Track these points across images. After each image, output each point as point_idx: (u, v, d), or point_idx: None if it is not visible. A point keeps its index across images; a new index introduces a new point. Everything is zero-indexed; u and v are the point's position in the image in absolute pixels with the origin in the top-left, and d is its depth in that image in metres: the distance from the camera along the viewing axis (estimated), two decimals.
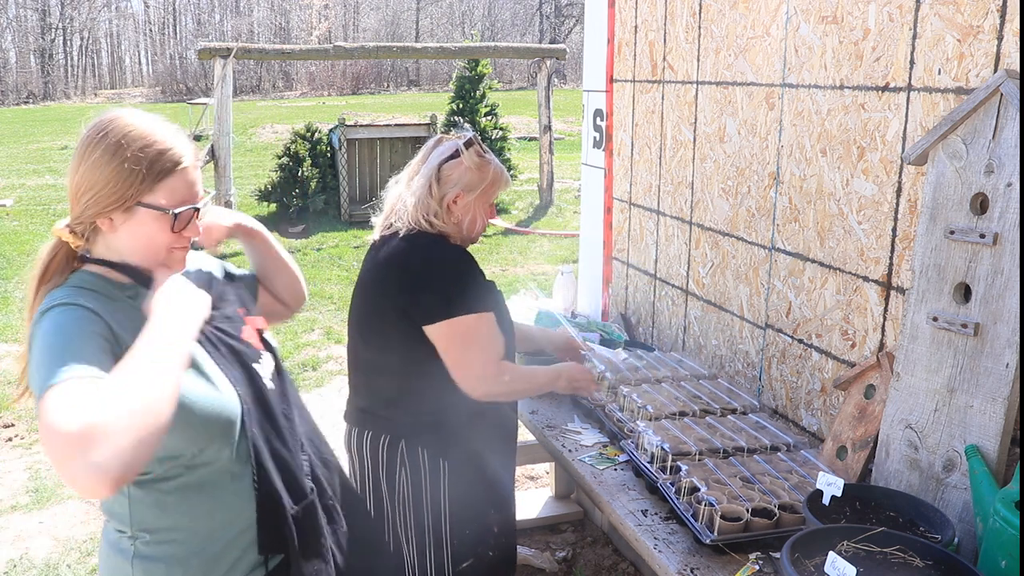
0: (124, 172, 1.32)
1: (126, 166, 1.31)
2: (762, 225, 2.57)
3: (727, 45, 2.67)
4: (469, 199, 2.11)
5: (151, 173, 1.34)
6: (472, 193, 2.11)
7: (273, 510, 1.47)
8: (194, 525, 1.45)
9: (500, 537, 2.23)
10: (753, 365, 2.67)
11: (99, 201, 1.33)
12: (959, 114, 1.73)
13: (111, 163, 1.32)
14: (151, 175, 1.34)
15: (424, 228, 2.09)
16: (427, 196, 2.10)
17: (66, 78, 34.05)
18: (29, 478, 3.92)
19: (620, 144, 3.42)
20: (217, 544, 1.46)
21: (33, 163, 14.56)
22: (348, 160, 10.21)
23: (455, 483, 2.12)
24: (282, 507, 1.48)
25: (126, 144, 1.32)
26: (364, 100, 27.09)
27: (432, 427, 2.11)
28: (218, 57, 8.93)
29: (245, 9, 38.29)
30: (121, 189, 1.32)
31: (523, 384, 2.22)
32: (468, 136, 2.15)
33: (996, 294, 1.68)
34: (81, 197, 1.34)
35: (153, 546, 1.43)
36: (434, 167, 2.12)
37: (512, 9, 40.28)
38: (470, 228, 2.16)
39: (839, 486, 1.76)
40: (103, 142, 1.32)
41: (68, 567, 3.21)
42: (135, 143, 1.33)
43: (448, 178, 2.11)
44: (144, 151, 1.33)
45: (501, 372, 2.08)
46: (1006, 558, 1.50)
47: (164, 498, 1.42)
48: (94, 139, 1.33)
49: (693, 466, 2.07)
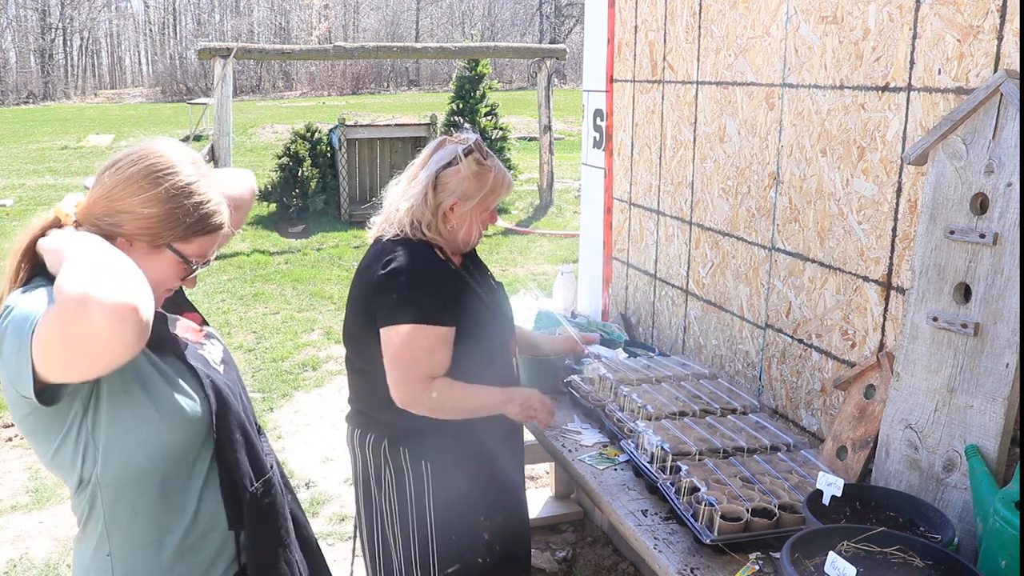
0: (172, 217, 1.39)
1: (177, 213, 1.39)
2: (762, 225, 2.57)
3: (727, 45, 2.67)
4: (466, 208, 2.08)
5: (193, 227, 1.41)
6: (470, 202, 2.08)
7: (234, 489, 1.51)
8: (168, 529, 1.47)
9: (494, 544, 2.19)
10: (753, 365, 2.67)
11: (135, 227, 1.38)
12: (959, 114, 1.73)
13: (165, 204, 1.38)
14: (192, 229, 1.41)
15: (410, 235, 2.06)
16: (422, 204, 2.06)
17: (66, 78, 34.04)
18: (29, 478, 3.92)
19: (620, 144, 3.42)
20: (192, 535, 1.49)
21: (33, 163, 14.56)
22: (348, 160, 10.21)
23: (439, 486, 2.11)
24: (243, 486, 1.52)
25: (186, 195, 1.39)
26: (364, 100, 27.10)
27: (417, 431, 2.09)
28: (218, 57, 8.93)
29: (245, 9, 38.29)
30: (161, 229, 1.39)
31: (456, 403, 2.06)
32: (470, 142, 2.11)
33: (996, 294, 1.68)
34: (116, 212, 1.38)
35: (130, 554, 1.45)
36: (432, 174, 2.08)
37: (512, 9, 40.28)
38: (465, 237, 2.13)
39: (839, 486, 1.76)
40: (166, 181, 1.38)
41: (68, 567, 3.21)
42: (193, 197, 1.40)
43: (445, 186, 2.07)
44: (198, 208, 1.41)
45: (427, 388, 1.99)
46: (1006, 558, 1.50)
47: (138, 501, 1.43)
48: (155, 173, 1.38)
49: (693, 466, 2.07)
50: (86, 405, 1.36)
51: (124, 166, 1.40)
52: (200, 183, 1.43)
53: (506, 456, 2.28)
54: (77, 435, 1.36)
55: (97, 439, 1.37)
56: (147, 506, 1.44)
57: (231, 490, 1.51)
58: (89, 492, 1.41)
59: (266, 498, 1.58)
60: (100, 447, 1.37)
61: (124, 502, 1.42)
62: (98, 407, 1.36)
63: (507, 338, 2.28)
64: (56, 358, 1.19)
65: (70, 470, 1.40)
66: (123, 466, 1.39)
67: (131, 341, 1.16)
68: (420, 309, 1.97)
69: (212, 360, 1.56)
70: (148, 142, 1.45)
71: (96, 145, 16.88)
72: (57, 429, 1.36)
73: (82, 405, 1.35)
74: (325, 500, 3.84)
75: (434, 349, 2.00)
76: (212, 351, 1.59)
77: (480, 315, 2.12)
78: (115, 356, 1.17)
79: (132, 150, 1.44)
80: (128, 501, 1.42)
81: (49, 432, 1.36)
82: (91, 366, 1.20)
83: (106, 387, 1.36)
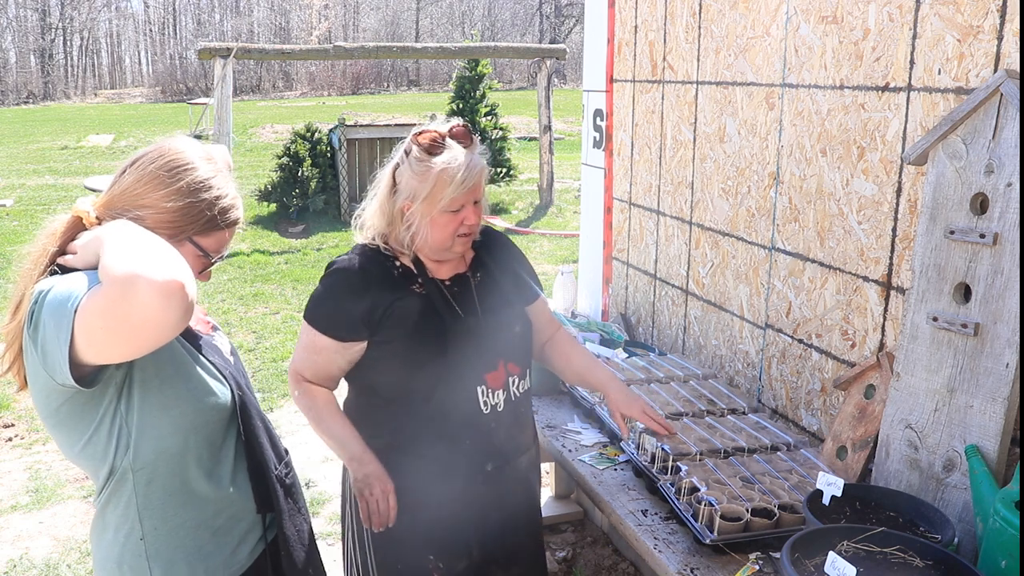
0: (193, 211, 1.45)
1: (198, 207, 1.45)
2: (762, 225, 2.57)
3: (727, 45, 2.67)
4: (415, 208, 1.86)
5: (212, 221, 1.48)
6: (417, 201, 1.86)
7: (263, 472, 1.58)
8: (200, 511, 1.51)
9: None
10: (753, 365, 2.67)
11: (157, 221, 1.43)
12: (959, 114, 1.73)
13: (186, 198, 1.44)
14: (212, 223, 1.48)
15: (371, 244, 1.96)
16: (378, 211, 1.94)
17: (66, 78, 34.05)
18: (29, 478, 3.92)
19: (620, 144, 3.42)
20: (222, 516, 1.54)
21: (33, 163, 14.56)
22: (348, 160, 10.21)
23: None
24: (269, 468, 1.59)
25: (205, 189, 1.46)
26: (364, 100, 27.10)
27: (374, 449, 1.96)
28: (218, 57, 8.93)
29: (245, 9, 38.29)
30: (183, 223, 1.45)
31: (308, 412, 1.98)
32: (433, 133, 1.88)
33: (996, 294, 1.68)
34: (137, 207, 1.43)
35: (164, 537, 1.48)
36: (388, 174, 1.93)
37: (512, 9, 40.28)
38: (433, 242, 1.90)
39: (839, 486, 1.76)
40: (186, 176, 1.44)
41: (68, 567, 3.21)
42: (212, 192, 1.47)
43: (399, 186, 1.90)
44: (216, 202, 1.47)
45: (296, 384, 1.98)
46: (1006, 558, 1.50)
47: (171, 483, 1.47)
48: (176, 169, 1.44)
49: (693, 466, 2.07)
50: (119, 391, 1.39)
51: (145, 163, 1.45)
52: (217, 179, 1.48)
53: (483, 501, 2.00)
54: (111, 422, 1.39)
55: (130, 424, 1.40)
56: (179, 489, 1.47)
57: (258, 473, 1.57)
58: (119, 479, 1.44)
59: (288, 479, 1.67)
60: (133, 432, 1.40)
61: (157, 485, 1.45)
62: (131, 392, 1.39)
63: (477, 370, 1.93)
64: (102, 337, 1.22)
65: (101, 459, 1.42)
66: (157, 449, 1.42)
67: (177, 317, 1.20)
68: (314, 312, 1.93)
69: (223, 351, 1.61)
70: (166, 140, 1.50)
71: (96, 145, 16.88)
72: (91, 419, 1.39)
73: (116, 391, 1.38)
74: (325, 500, 3.84)
75: (312, 351, 1.93)
76: (221, 342, 1.64)
77: (429, 339, 1.90)
78: (161, 334, 1.22)
79: (152, 147, 1.48)
80: (161, 484, 1.45)
81: (82, 421, 1.39)
82: (137, 344, 1.23)
83: (139, 372, 1.39)
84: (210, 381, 1.48)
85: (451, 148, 1.87)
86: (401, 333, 1.89)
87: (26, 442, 4.31)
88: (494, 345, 1.96)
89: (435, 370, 1.90)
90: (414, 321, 1.90)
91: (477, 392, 1.93)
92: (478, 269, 2.04)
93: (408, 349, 1.90)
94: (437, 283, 1.96)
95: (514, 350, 2.01)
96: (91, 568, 3.20)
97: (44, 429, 4.36)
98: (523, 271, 2.15)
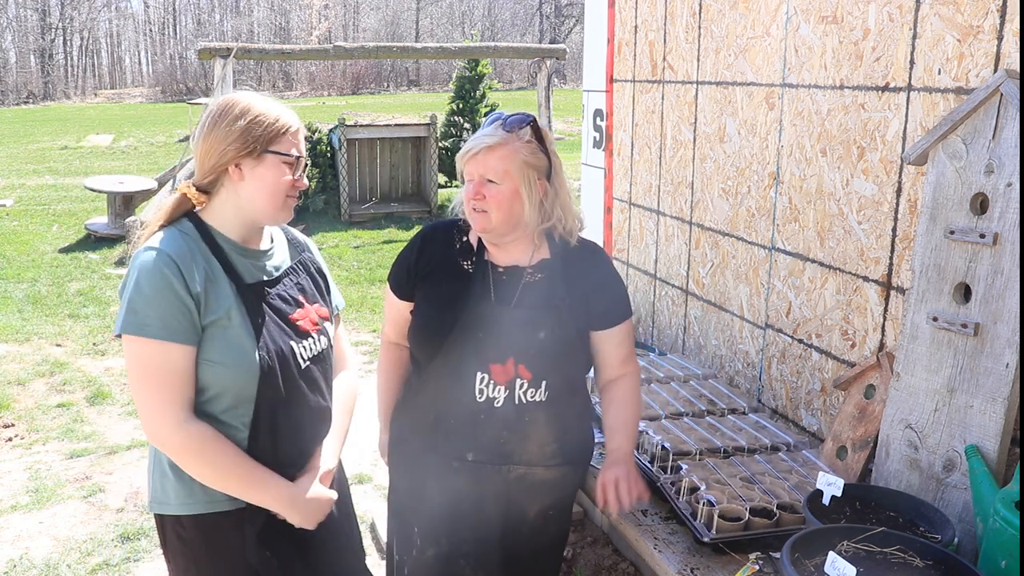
0: (253, 127, 1.68)
1: (255, 122, 1.69)
2: (762, 225, 2.57)
3: (727, 45, 2.67)
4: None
5: (270, 130, 1.70)
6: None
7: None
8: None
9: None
10: (753, 365, 2.67)
11: (234, 151, 1.67)
12: (959, 114, 1.73)
13: (240, 122, 1.67)
14: (271, 131, 1.70)
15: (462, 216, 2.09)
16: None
17: (66, 78, 34.05)
18: (29, 478, 3.92)
19: (620, 144, 3.42)
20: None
21: (33, 163, 14.56)
22: (348, 160, 10.21)
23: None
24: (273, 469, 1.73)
25: (252, 112, 1.69)
26: (364, 100, 27.09)
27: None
28: (218, 57, 8.93)
29: (245, 9, 38.29)
30: (250, 140, 1.68)
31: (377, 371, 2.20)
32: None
33: (996, 294, 1.68)
34: (218, 152, 1.68)
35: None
36: None
37: (512, 9, 40.28)
38: (467, 205, 1.93)
39: (839, 486, 1.76)
40: (233, 110, 1.68)
41: (68, 567, 3.21)
42: (256, 112, 1.70)
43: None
44: (264, 117, 1.70)
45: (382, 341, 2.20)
46: (1006, 558, 1.50)
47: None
48: (224, 109, 1.70)
49: (693, 465, 2.07)
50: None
51: (203, 121, 1.72)
52: (256, 104, 1.71)
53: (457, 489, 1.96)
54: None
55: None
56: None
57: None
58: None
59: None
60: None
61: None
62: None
63: (482, 357, 1.90)
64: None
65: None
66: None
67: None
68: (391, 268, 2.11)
69: (299, 351, 1.76)
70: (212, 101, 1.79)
71: (96, 145, 16.88)
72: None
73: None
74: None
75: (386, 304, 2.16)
76: (311, 344, 1.79)
77: (445, 309, 1.94)
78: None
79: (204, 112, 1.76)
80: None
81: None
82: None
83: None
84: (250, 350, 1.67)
85: (487, 127, 1.94)
86: (427, 294, 2.00)
87: (26, 442, 4.31)
88: (509, 340, 1.90)
89: (440, 340, 1.92)
90: (441, 290, 1.98)
91: (475, 377, 1.90)
92: (542, 270, 1.97)
93: (425, 315, 1.99)
94: (489, 266, 1.97)
95: (531, 354, 1.90)
96: (91, 568, 3.20)
97: (44, 429, 4.38)
98: (602, 295, 2.00)
